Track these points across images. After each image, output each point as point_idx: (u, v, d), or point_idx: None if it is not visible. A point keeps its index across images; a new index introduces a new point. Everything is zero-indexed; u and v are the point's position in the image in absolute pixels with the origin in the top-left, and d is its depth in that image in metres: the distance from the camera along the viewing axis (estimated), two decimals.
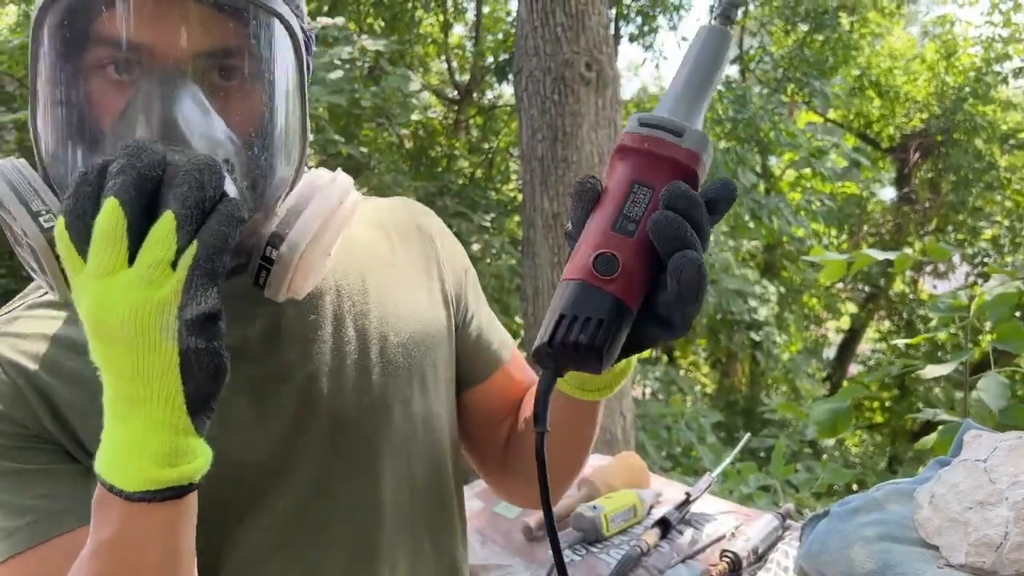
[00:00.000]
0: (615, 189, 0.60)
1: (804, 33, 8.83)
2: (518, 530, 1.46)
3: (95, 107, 0.67)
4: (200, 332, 0.56)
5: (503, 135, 8.85)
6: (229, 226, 0.57)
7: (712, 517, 1.45)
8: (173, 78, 0.65)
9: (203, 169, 0.57)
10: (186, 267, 0.56)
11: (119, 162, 0.56)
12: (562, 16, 4.53)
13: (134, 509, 0.59)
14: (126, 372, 0.57)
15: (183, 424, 0.58)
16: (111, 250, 0.55)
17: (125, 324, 0.55)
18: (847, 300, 10.41)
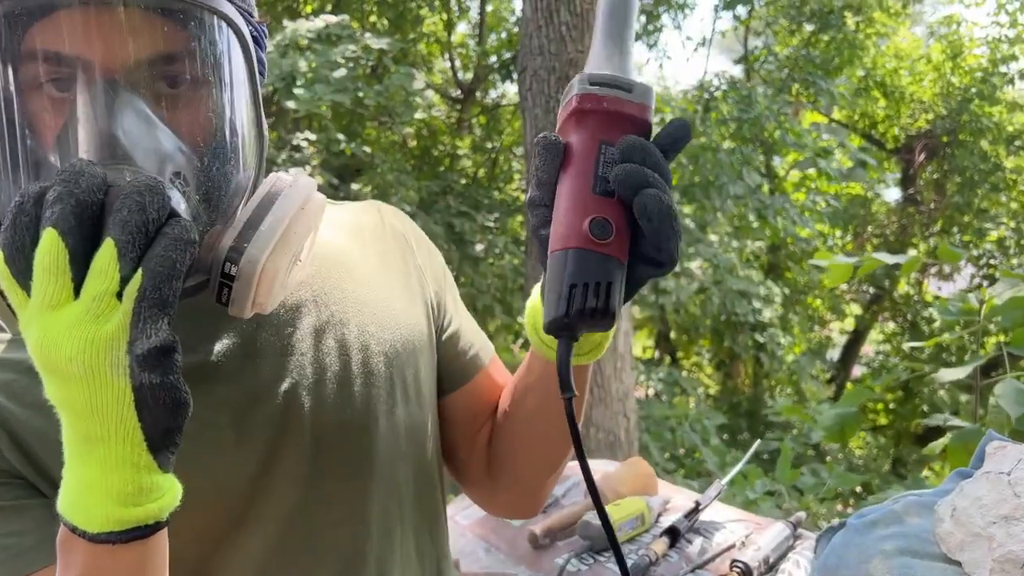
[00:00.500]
0: (584, 151, 0.62)
1: (810, 33, 8.80)
2: (523, 538, 1.43)
3: (35, 128, 0.63)
4: (153, 367, 0.54)
5: (506, 134, 8.83)
6: (176, 251, 0.54)
7: (722, 525, 1.42)
8: (110, 91, 0.61)
9: (143, 191, 0.54)
10: (132, 299, 0.53)
11: (56, 189, 0.53)
12: (566, 15, 4.51)
13: (99, 551, 0.57)
14: (80, 410, 0.54)
15: (144, 461, 0.56)
16: (54, 283, 0.52)
17: (73, 361, 0.53)
18: (852, 301, 10.38)
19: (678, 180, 7.73)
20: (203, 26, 0.66)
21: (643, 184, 0.60)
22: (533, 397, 0.86)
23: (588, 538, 1.36)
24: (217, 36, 0.67)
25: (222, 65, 0.68)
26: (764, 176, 7.63)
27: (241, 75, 0.70)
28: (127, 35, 0.62)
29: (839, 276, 1.86)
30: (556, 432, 0.87)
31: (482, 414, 0.97)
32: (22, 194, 0.54)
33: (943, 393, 8.02)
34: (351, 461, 0.81)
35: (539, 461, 0.93)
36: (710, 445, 4.91)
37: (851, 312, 10.46)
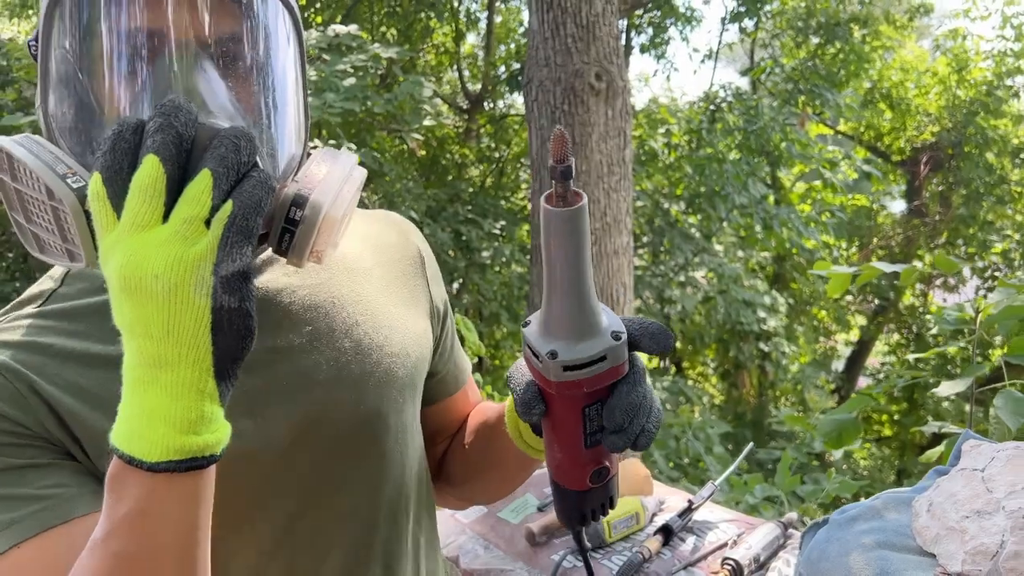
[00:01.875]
0: (571, 420, 0.68)
1: (816, 45, 8.84)
2: (521, 535, 1.47)
3: (113, 86, 0.68)
4: (233, 290, 0.56)
5: (513, 144, 8.89)
6: (262, 190, 0.58)
7: (714, 525, 1.46)
8: (193, 54, 0.67)
9: (239, 135, 0.58)
10: (222, 224, 0.56)
11: (157, 120, 0.57)
12: (573, 27, 4.56)
13: (156, 481, 0.57)
14: (155, 331, 0.56)
15: (210, 388, 0.58)
16: (149, 205, 0.55)
17: (159, 278, 0.55)
18: (856, 312, 10.38)
19: (683, 189, 7.78)
20: (270, 11, 0.73)
21: (630, 443, 0.68)
22: (491, 444, 0.94)
23: None
24: (278, 17, 0.74)
25: (280, 44, 0.74)
26: (769, 187, 7.66)
27: (295, 56, 0.77)
28: (204, 11, 0.68)
29: (839, 285, 1.89)
30: (500, 474, 0.98)
31: (449, 428, 1.04)
32: (120, 123, 0.58)
33: (947, 404, 8.01)
34: (364, 455, 0.85)
35: (487, 489, 1.03)
36: (713, 454, 4.94)
37: (856, 323, 10.46)
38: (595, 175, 4.61)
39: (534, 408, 0.68)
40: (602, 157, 4.61)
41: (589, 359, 0.64)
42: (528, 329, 0.67)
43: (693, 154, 7.59)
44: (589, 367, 0.64)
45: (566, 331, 0.64)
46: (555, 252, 0.62)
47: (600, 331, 0.65)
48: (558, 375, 0.64)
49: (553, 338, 0.64)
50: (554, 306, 0.64)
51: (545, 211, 0.61)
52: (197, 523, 0.61)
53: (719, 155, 7.06)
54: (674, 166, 7.92)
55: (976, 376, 1.75)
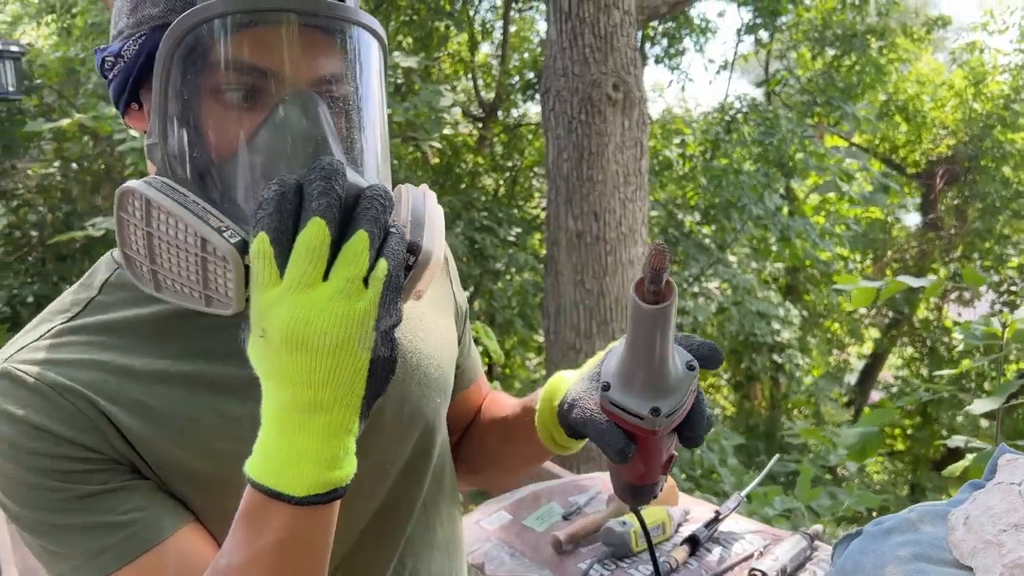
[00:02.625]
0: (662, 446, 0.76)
1: (832, 57, 8.84)
2: (547, 542, 1.47)
3: (230, 130, 0.69)
4: (388, 342, 0.61)
5: (527, 154, 8.91)
6: (403, 246, 0.63)
7: (740, 536, 1.46)
8: (312, 100, 0.69)
9: (383, 195, 0.62)
10: (381, 283, 0.60)
11: (319, 184, 0.60)
12: (591, 37, 4.58)
13: (303, 513, 0.62)
14: (316, 380, 0.60)
15: (355, 428, 0.62)
16: (314, 265, 0.59)
17: (328, 334, 0.59)
18: (870, 326, 10.34)
19: (696, 200, 7.78)
20: (367, 50, 0.74)
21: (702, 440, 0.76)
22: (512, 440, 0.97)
23: (611, 544, 1.40)
24: (376, 58, 0.75)
25: (377, 83, 0.76)
26: (783, 198, 7.65)
27: (384, 94, 0.78)
28: (316, 54, 0.70)
29: (862, 299, 1.88)
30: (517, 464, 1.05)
31: (464, 419, 1.07)
32: (282, 184, 0.61)
33: (961, 418, 7.96)
34: (406, 458, 0.88)
35: (498, 475, 1.11)
36: (727, 465, 4.92)
37: (869, 336, 10.42)
38: (611, 185, 4.62)
39: (629, 450, 0.72)
40: (618, 167, 4.63)
41: (685, 402, 0.72)
42: (614, 393, 0.72)
43: (708, 165, 7.59)
44: (679, 411, 0.71)
45: (655, 389, 0.71)
46: (644, 336, 0.69)
47: (679, 372, 0.72)
48: (663, 423, 0.71)
49: (646, 397, 0.71)
50: (639, 373, 0.71)
51: (639, 308, 0.67)
52: (329, 546, 0.66)
53: (735, 166, 7.06)
54: (688, 176, 7.92)
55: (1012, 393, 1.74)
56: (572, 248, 4.68)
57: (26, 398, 0.69)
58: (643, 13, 5.39)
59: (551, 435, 0.85)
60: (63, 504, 0.69)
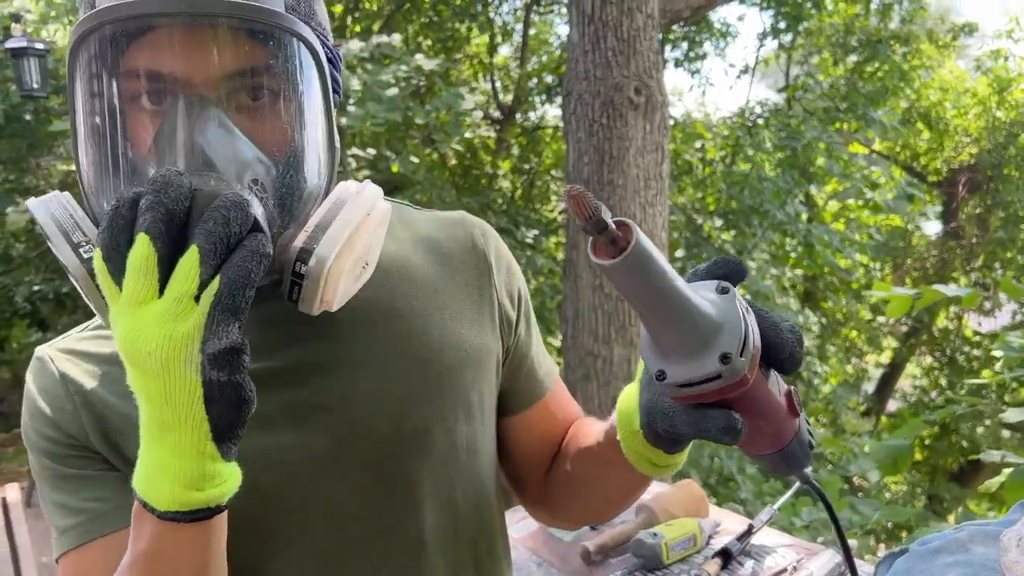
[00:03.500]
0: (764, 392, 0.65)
1: (855, 63, 8.78)
2: (575, 553, 1.45)
3: (130, 138, 0.69)
4: (222, 366, 0.58)
5: (545, 156, 8.90)
6: (252, 261, 0.59)
7: (772, 550, 1.43)
8: (197, 104, 0.67)
9: (229, 206, 0.59)
10: (208, 303, 0.58)
11: (148, 197, 0.59)
12: (613, 41, 4.55)
13: (165, 527, 0.62)
14: (155, 399, 0.60)
15: (209, 451, 0.61)
16: (142, 282, 0.58)
17: (152, 355, 0.58)
18: (889, 334, 10.25)
19: (715, 205, 7.74)
20: (281, 45, 0.71)
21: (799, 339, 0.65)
22: (600, 469, 0.88)
23: (641, 556, 1.38)
24: (294, 54, 0.72)
25: (298, 81, 0.72)
26: (803, 204, 7.60)
27: (316, 91, 0.74)
28: (213, 53, 0.68)
29: (899, 308, 1.85)
30: (612, 497, 0.92)
31: (544, 439, 0.98)
32: (118, 199, 0.60)
33: (981, 430, 7.88)
34: (406, 474, 0.83)
35: (592, 512, 0.98)
36: (745, 473, 4.88)
37: (888, 345, 10.34)
38: (631, 189, 4.59)
39: (737, 423, 0.62)
40: (639, 171, 4.60)
41: (744, 325, 0.59)
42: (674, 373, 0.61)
43: (728, 169, 7.55)
44: (749, 332, 0.60)
45: (706, 338, 0.59)
46: (640, 295, 0.58)
47: (718, 303, 0.60)
48: (743, 364, 0.59)
49: (703, 353, 0.59)
50: (671, 337, 0.60)
51: (605, 269, 0.55)
52: (206, 565, 0.66)
53: (759, 171, 7.02)
54: (707, 181, 7.88)
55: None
56: None
57: (43, 382, 0.78)
58: (665, 17, 5.37)
59: (648, 460, 0.76)
60: (53, 482, 0.77)
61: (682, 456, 0.78)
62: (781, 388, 0.67)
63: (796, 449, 0.70)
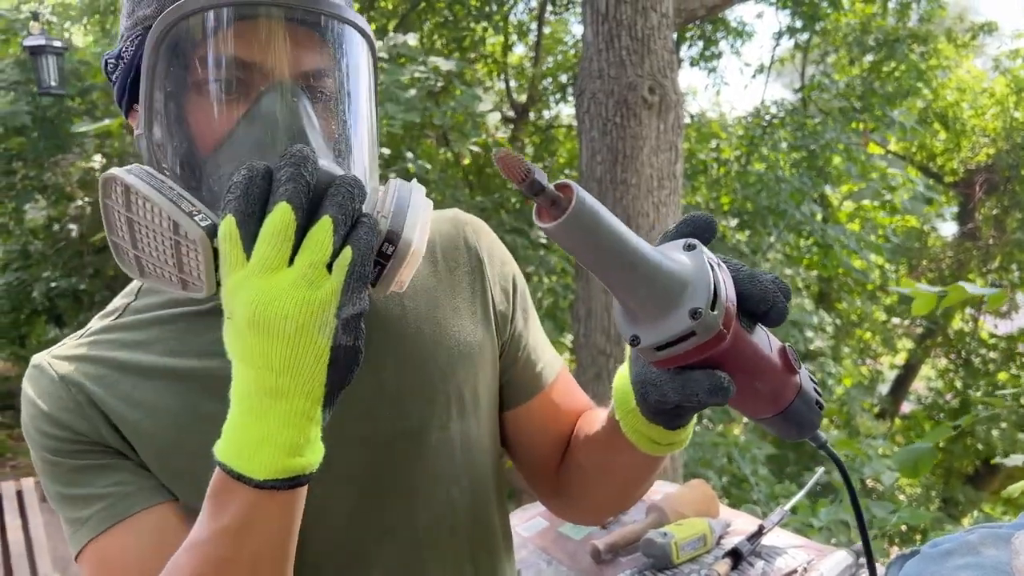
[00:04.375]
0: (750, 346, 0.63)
1: (871, 63, 8.72)
2: (585, 551, 1.45)
3: (216, 121, 0.71)
4: (351, 330, 0.61)
5: (558, 155, 8.89)
6: (373, 236, 0.63)
7: (783, 551, 1.43)
8: (293, 91, 0.70)
9: (353, 183, 0.63)
10: (344, 271, 0.60)
11: (287, 169, 0.61)
12: (627, 39, 4.54)
13: (260, 496, 0.62)
14: (276, 365, 0.60)
15: (317, 416, 0.62)
16: (278, 249, 0.60)
17: (289, 319, 0.59)
18: (904, 336, 10.18)
19: (729, 204, 7.71)
20: (354, 45, 0.76)
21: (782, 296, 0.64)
22: (606, 456, 0.88)
23: (651, 556, 1.38)
24: (361, 52, 0.77)
25: (363, 77, 0.77)
26: (818, 204, 7.56)
27: (373, 88, 0.79)
28: (298, 47, 0.71)
29: (924, 306, 1.83)
30: (624, 483, 0.90)
31: (550, 431, 0.98)
32: (250, 169, 0.61)
33: (996, 432, 7.81)
34: (401, 473, 0.84)
35: (608, 501, 0.96)
36: (759, 475, 4.85)
37: (903, 347, 10.27)
38: (645, 188, 4.59)
39: (723, 380, 0.61)
40: (653, 171, 4.59)
41: (713, 280, 0.58)
42: (647, 338, 0.60)
43: (743, 169, 7.51)
44: (718, 285, 0.59)
45: (672, 296, 0.58)
46: (590, 256, 0.57)
47: (683, 260, 0.60)
48: (716, 319, 0.58)
49: (671, 311, 0.58)
50: (635, 298, 0.59)
51: (548, 232, 0.55)
52: (291, 532, 0.67)
53: (776, 171, 6.99)
54: (721, 181, 7.85)
55: None
56: None
57: (45, 387, 0.79)
58: (680, 16, 5.35)
59: (648, 438, 0.77)
60: (62, 477, 0.78)
61: (685, 433, 0.78)
62: (774, 344, 0.65)
63: (801, 408, 0.68)
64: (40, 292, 6.44)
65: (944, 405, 9.34)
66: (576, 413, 1.00)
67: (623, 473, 0.88)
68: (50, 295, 6.46)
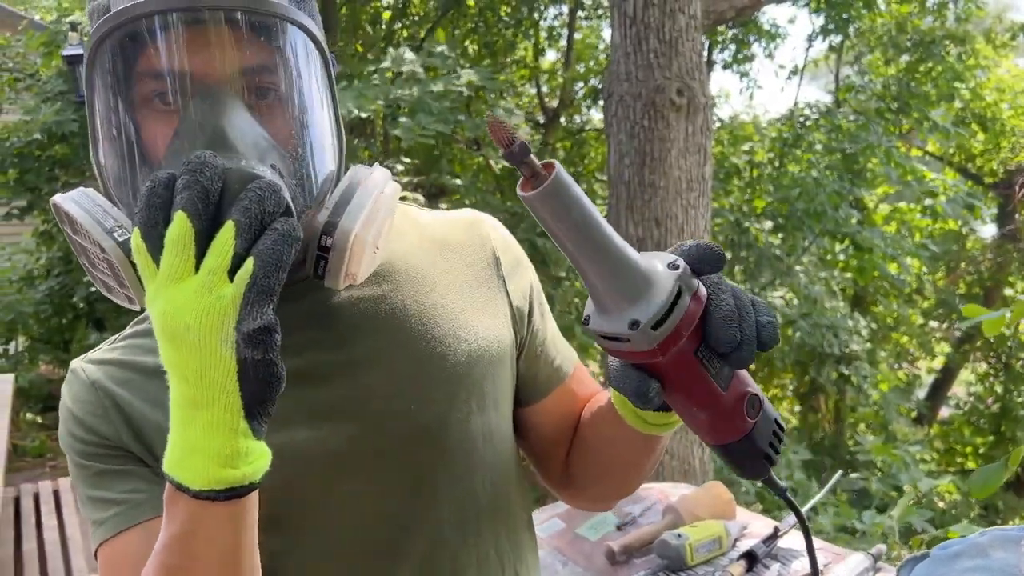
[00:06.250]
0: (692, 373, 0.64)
1: (907, 63, 8.58)
2: (600, 552, 1.46)
3: (149, 134, 0.73)
4: (256, 344, 0.60)
5: (589, 160, 8.87)
6: (284, 245, 0.61)
7: (799, 554, 1.42)
8: (218, 94, 0.70)
9: (264, 187, 0.62)
10: (243, 284, 0.60)
11: (184, 177, 0.61)
12: (655, 42, 4.53)
13: (199, 506, 0.63)
14: (190, 376, 0.61)
15: (242, 428, 0.62)
16: (180, 257, 0.60)
17: (190, 328, 0.59)
18: (942, 339, 10.00)
19: (763, 207, 7.64)
20: (289, 39, 0.75)
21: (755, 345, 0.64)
22: (606, 430, 0.90)
23: (665, 557, 1.38)
24: (301, 47, 0.76)
25: (306, 71, 0.76)
26: (853, 207, 7.45)
27: (323, 79, 0.79)
28: (229, 49, 0.71)
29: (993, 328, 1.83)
30: (624, 461, 0.92)
31: (561, 428, 0.99)
32: (153, 179, 0.61)
33: None
34: (427, 467, 0.85)
35: (612, 482, 0.98)
36: (793, 479, 4.79)
37: (941, 351, 10.07)
38: (673, 191, 4.57)
39: (649, 390, 0.63)
40: (681, 173, 4.57)
41: (669, 302, 0.59)
42: (593, 323, 0.62)
43: (779, 172, 7.44)
44: (673, 310, 0.59)
45: (628, 297, 0.59)
46: (563, 232, 0.59)
47: (658, 273, 0.60)
48: (652, 338, 0.59)
49: (621, 311, 0.60)
50: (598, 284, 0.60)
51: (527, 200, 0.58)
52: (239, 542, 0.67)
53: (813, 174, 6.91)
54: (754, 184, 7.78)
55: None
56: None
57: (77, 391, 0.82)
58: (709, 18, 5.32)
59: (639, 417, 0.78)
60: (88, 479, 0.80)
61: (669, 417, 0.78)
62: (740, 386, 0.66)
63: (743, 451, 0.68)
64: (80, 296, 6.59)
65: (984, 410, 9.15)
66: (587, 401, 1.01)
67: (625, 450, 0.89)
68: (90, 299, 6.60)
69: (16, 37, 6.81)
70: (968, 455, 9.06)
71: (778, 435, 0.69)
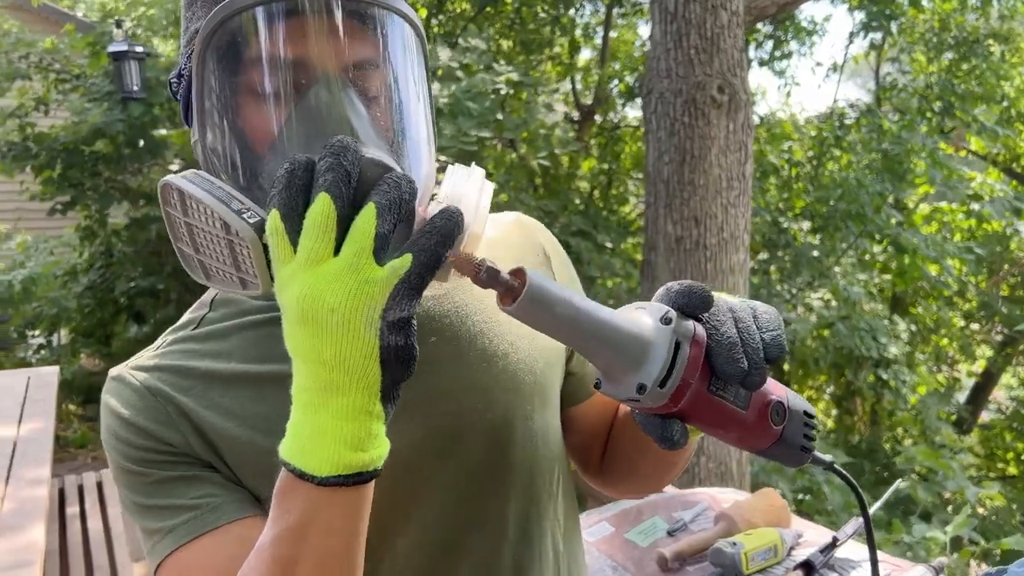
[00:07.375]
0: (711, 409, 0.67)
1: (950, 62, 8.41)
2: (651, 559, 1.43)
3: (263, 119, 0.72)
4: (399, 331, 0.60)
5: (623, 156, 8.82)
6: (444, 247, 0.61)
7: (857, 564, 1.39)
8: (338, 85, 0.70)
9: (400, 177, 0.62)
10: (396, 275, 0.59)
11: (327, 159, 0.60)
12: (696, 39, 4.48)
13: (323, 494, 0.62)
14: (328, 359, 0.59)
15: (377, 410, 0.62)
16: (321, 240, 0.59)
17: (335, 311, 0.58)
18: (982, 343, 9.79)
19: (802, 207, 7.53)
20: (399, 33, 0.75)
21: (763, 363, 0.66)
22: (638, 436, 0.92)
23: (720, 565, 1.36)
24: (410, 41, 0.77)
25: (411, 66, 0.77)
26: (893, 208, 7.32)
27: (424, 78, 0.79)
28: (344, 40, 0.71)
29: None
30: (655, 461, 0.95)
31: (599, 426, 1.01)
32: (292, 162, 0.61)
33: None
34: (492, 465, 0.85)
35: (645, 480, 1.01)
36: (832, 484, 4.71)
37: (982, 354, 9.87)
38: (713, 189, 4.52)
39: (673, 433, 0.67)
40: (721, 171, 4.52)
41: (669, 359, 0.63)
42: (604, 389, 0.67)
43: (815, 171, 7.33)
44: (675, 364, 0.63)
45: (630, 366, 0.64)
46: (553, 330, 0.63)
47: (652, 332, 0.64)
48: (662, 395, 0.63)
49: (627, 378, 0.64)
50: (599, 362, 0.65)
51: (510, 313, 0.62)
52: (358, 531, 0.66)
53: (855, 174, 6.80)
54: (792, 183, 7.67)
55: None
56: (671, 253, 4.58)
57: (128, 398, 0.80)
58: (751, 14, 5.25)
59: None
60: (146, 488, 0.78)
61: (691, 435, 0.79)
62: (760, 400, 0.69)
63: (777, 454, 0.72)
64: (121, 291, 6.69)
65: None
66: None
67: (654, 452, 0.92)
68: (130, 293, 6.70)
69: (61, 40, 6.91)
70: (1009, 461, 8.86)
71: (809, 424, 0.73)
